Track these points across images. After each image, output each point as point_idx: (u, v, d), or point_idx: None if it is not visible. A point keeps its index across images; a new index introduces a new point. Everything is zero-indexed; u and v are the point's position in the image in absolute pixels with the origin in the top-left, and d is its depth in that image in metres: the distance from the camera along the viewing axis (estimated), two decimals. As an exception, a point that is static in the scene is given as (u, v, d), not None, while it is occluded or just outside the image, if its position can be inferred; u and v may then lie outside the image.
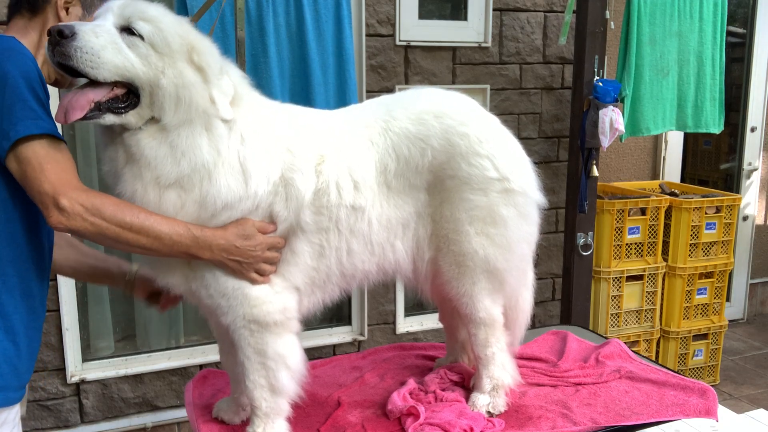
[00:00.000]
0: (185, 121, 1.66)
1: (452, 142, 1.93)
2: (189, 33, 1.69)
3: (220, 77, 1.71)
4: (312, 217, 1.83)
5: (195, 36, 1.71)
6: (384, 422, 2.06)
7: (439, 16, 3.75)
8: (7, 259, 1.63)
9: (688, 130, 3.98)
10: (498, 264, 2.02)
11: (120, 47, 1.59)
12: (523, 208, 2.02)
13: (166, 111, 1.64)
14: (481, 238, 1.99)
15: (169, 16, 1.69)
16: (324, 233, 1.86)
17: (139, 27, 1.60)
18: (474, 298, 2.05)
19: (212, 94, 1.68)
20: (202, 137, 1.69)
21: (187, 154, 1.67)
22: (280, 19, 3.14)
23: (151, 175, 1.67)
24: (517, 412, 2.11)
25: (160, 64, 1.62)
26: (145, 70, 1.61)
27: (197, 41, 1.70)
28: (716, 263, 4.12)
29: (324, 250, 1.87)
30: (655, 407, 2.13)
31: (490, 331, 2.10)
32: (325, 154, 1.85)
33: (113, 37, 1.59)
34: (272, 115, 1.87)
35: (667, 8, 3.71)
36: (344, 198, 1.85)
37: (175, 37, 1.63)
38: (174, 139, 1.67)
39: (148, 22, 1.61)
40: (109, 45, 1.57)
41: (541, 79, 3.95)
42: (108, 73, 1.58)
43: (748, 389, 4.14)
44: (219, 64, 1.73)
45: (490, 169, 1.95)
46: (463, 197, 1.96)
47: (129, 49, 1.60)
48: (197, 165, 1.68)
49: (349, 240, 1.89)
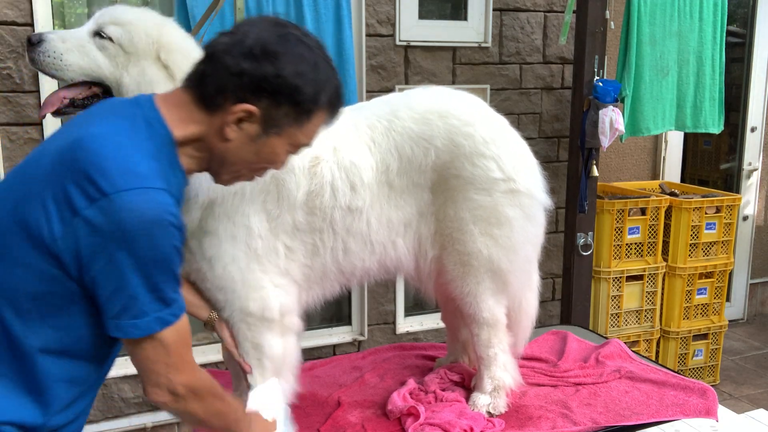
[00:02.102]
0: None
1: (456, 142, 1.93)
2: (162, 34, 1.73)
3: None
4: (305, 217, 1.83)
5: (169, 36, 1.74)
6: (384, 422, 2.06)
7: (439, 16, 3.74)
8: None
9: (687, 130, 3.98)
10: (502, 264, 2.02)
11: (87, 50, 1.69)
12: (529, 209, 2.02)
13: None
14: (485, 238, 1.99)
15: (146, 19, 1.74)
16: (318, 233, 1.86)
17: (109, 30, 1.69)
18: (478, 298, 2.05)
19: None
20: None
21: None
22: (280, 19, 3.14)
23: None
24: (517, 412, 2.11)
25: (126, 63, 1.70)
26: (112, 70, 1.70)
27: (169, 41, 1.73)
28: (716, 263, 4.12)
29: (318, 249, 1.88)
30: (655, 407, 2.13)
31: (493, 331, 2.10)
32: (320, 156, 1.85)
33: (81, 41, 1.70)
34: None
35: (667, 8, 3.71)
36: (339, 200, 1.85)
37: (142, 36, 1.70)
38: None
39: (119, 25, 1.70)
40: (74, 48, 1.68)
41: (541, 79, 3.95)
42: (73, 73, 1.69)
43: (748, 389, 4.14)
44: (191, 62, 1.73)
45: (494, 170, 1.95)
46: (467, 197, 1.95)
47: (99, 51, 1.70)
48: None
49: (345, 240, 1.90)
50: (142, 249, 1.24)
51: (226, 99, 1.34)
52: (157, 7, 3.21)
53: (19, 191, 1.29)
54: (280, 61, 1.33)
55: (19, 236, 1.26)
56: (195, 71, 1.39)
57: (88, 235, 1.22)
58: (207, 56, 1.37)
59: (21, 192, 1.29)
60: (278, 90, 1.34)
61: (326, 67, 1.40)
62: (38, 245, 1.25)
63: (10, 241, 1.27)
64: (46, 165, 1.28)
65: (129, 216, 1.21)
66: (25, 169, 1.35)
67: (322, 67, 1.39)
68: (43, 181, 1.26)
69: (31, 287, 1.27)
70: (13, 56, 2.92)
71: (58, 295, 1.28)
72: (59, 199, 1.23)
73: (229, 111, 1.34)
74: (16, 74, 2.94)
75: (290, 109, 1.37)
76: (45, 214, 1.24)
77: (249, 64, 1.32)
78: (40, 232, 1.24)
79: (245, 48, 1.32)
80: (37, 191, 1.26)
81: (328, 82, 1.41)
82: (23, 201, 1.27)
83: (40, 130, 3.00)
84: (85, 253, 1.23)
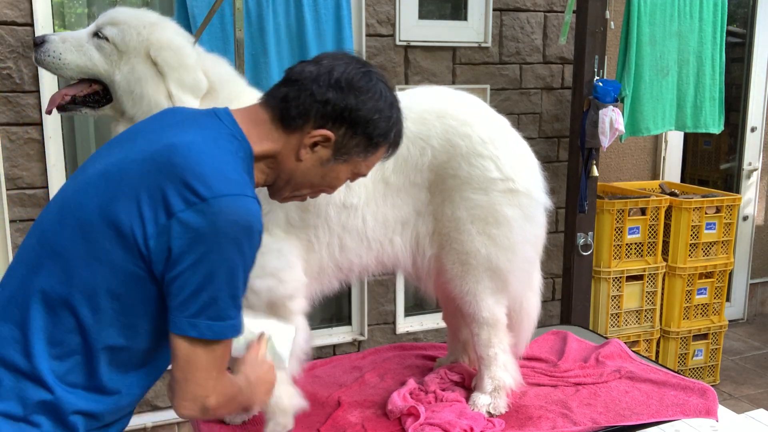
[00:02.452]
0: (146, 113, 1.75)
1: (453, 142, 1.93)
2: (153, 32, 1.79)
3: (183, 72, 1.78)
4: (299, 214, 1.85)
5: (160, 34, 1.80)
6: (384, 422, 2.06)
7: (439, 16, 3.74)
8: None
9: (687, 130, 3.98)
10: (500, 264, 2.02)
11: (85, 49, 1.79)
12: (528, 209, 2.02)
13: (124, 103, 1.79)
14: (482, 237, 1.99)
15: (141, 19, 1.81)
16: (313, 229, 1.88)
17: (106, 30, 1.79)
18: (477, 297, 2.05)
19: (168, 87, 1.78)
20: None
21: None
22: (280, 19, 3.14)
23: None
24: (517, 412, 2.11)
25: (119, 61, 1.78)
26: (106, 68, 1.79)
27: (159, 38, 1.79)
28: (716, 263, 4.12)
29: (313, 246, 1.90)
30: (655, 407, 2.13)
31: (493, 331, 2.09)
32: None
33: (80, 41, 1.79)
34: None
35: (667, 8, 3.71)
36: (333, 197, 1.86)
37: (133, 35, 1.78)
38: None
39: (114, 25, 1.79)
40: (73, 48, 1.78)
41: (541, 79, 3.95)
42: (71, 72, 1.80)
43: (748, 389, 4.14)
44: (182, 59, 1.80)
45: (492, 169, 1.95)
46: (464, 196, 1.96)
47: (96, 51, 1.79)
48: None
49: (341, 236, 1.91)
50: (232, 252, 1.29)
51: (306, 122, 1.43)
52: (157, 8, 3.21)
53: (106, 192, 1.32)
54: (363, 96, 1.45)
55: (107, 236, 1.30)
56: (277, 92, 1.46)
57: (182, 234, 1.26)
58: (291, 81, 1.45)
59: (108, 193, 1.32)
60: (356, 121, 1.45)
61: (397, 108, 1.53)
62: (128, 245, 1.29)
63: (97, 239, 1.31)
64: (136, 169, 1.32)
65: (225, 219, 1.27)
66: (107, 173, 1.36)
67: (395, 107, 1.52)
68: (136, 184, 1.30)
69: (112, 286, 1.31)
70: (13, 56, 2.93)
71: (136, 295, 1.33)
72: (155, 202, 1.28)
73: (308, 134, 1.44)
74: (16, 74, 2.94)
75: (362, 141, 1.48)
76: (139, 215, 1.28)
77: (334, 94, 1.42)
78: (133, 232, 1.28)
79: (333, 79, 1.43)
80: (129, 193, 1.30)
81: (398, 122, 1.54)
82: (112, 202, 1.31)
83: (40, 130, 3.00)
84: (176, 251, 1.27)
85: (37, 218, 1.46)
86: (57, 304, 1.32)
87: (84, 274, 1.31)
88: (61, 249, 1.33)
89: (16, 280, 1.37)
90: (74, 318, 1.32)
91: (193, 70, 1.80)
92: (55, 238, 1.34)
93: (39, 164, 3.01)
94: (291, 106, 1.43)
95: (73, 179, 1.45)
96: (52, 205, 1.44)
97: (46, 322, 1.32)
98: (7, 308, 1.34)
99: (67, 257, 1.32)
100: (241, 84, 1.92)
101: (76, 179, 1.43)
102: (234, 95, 1.85)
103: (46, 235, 1.36)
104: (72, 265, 1.32)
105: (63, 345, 1.32)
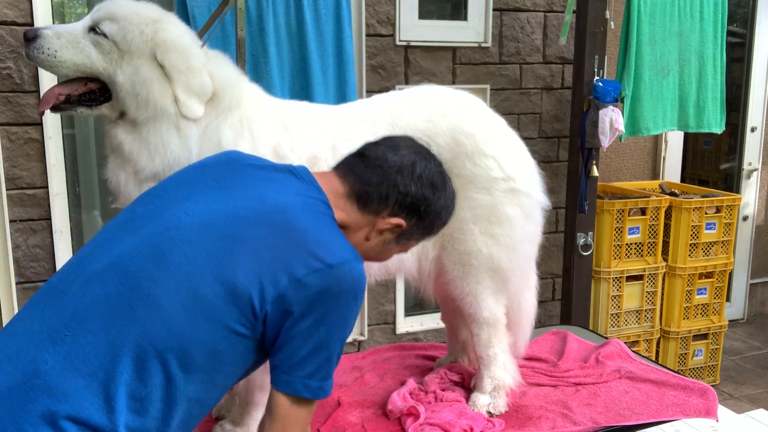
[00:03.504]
0: (151, 117, 1.70)
1: (458, 141, 1.94)
2: (158, 31, 1.70)
3: (191, 75, 1.72)
4: None
5: (165, 34, 1.71)
6: (384, 422, 2.06)
7: (439, 16, 3.74)
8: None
9: (690, 130, 3.97)
10: (502, 263, 2.02)
11: (81, 46, 1.68)
12: (528, 208, 2.02)
13: (128, 106, 1.70)
14: (485, 237, 1.99)
15: (142, 15, 1.72)
16: None
17: (104, 26, 1.68)
18: (478, 297, 2.05)
19: (175, 91, 1.70)
20: (171, 134, 1.72)
21: (159, 150, 1.72)
22: (280, 19, 3.14)
23: (132, 168, 1.73)
24: (517, 412, 2.11)
25: (120, 61, 1.68)
26: (105, 66, 1.69)
27: (165, 39, 1.71)
28: (716, 263, 4.12)
29: None
30: (655, 407, 2.13)
31: (493, 331, 2.10)
32: (318, 155, 1.84)
33: (76, 37, 1.68)
34: (266, 115, 1.86)
35: (667, 8, 3.71)
36: None
37: (136, 34, 1.68)
38: (145, 135, 1.72)
39: (114, 21, 1.68)
40: (68, 44, 1.67)
41: (541, 79, 3.95)
42: (67, 69, 1.69)
43: (748, 389, 4.14)
44: (190, 62, 1.73)
45: (494, 169, 1.95)
46: (467, 196, 1.96)
47: (93, 47, 1.68)
48: (171, 162, 1.71)
49: None
50: (347, 314, 1.38)
51: (383, 208, 1.51)
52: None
53: (219, 251, 1.31)
54: (438, 194, 1.55)
55: (221, 295, 1.29)
56: (357, 170, 1.51)
57: (304, 298, 1.32)
58: (373, 165, 1.51)
59: (223, 253, 1.31)
60: (427, 214, 1.55)
61: (455, 201, 1.63)
62: (242, 305, 1.30)
63: (207, 297, 1.29)
64: (253, 232, 1.34)
65: (345, 284, 1.36)
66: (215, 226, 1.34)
67: (455, 200, 1.63)
68: (255, 247, 1.32)
69: (214, 343, 1.31)
70: (13, 56, 2.93)
71: (233, 353, 1.34)
72: (277, 266, 1.31)
73: (383, 219, 1.52)
74: (16, 74, 2.94)
75: (425, 230, 1.59)
76: (258, 278, 1.30)
77: (416, 188, 1.51)
78: (250, 294, 1.30)
79: (416, 174, 1.51)
80: (248, 255, 1.31)
81: (453, 213, 1.64)
82: (229, 263, 1.30)
83: (40, 130, 3.00)
84: (296, 314, 1.32)
85: (101, 241, 1.39)
86: (150, 358, 1.26)
87: (187, 330, 1.28)
88: (164, 302, 1.28)
89: (94, 323, 1.26)
90: (164, 373, 1.27)
91: (200, 74, 1.74)
92: (155, 289, 1.28)
93: (39, 164, 3.01)
94: (373, 191, 1.49)
95: (145, 206, 1.41)
96: (128, 238, 1.36)
97: (133, 376, 1.25)
98: (82, 356, 1.24)
99: (169, 311, 1.28)
100: (244, 86, 1.87)
101: (160, 217, 1.37)
102: (236, 100, 1.81)
103: (141, 284, 1.29)
104: (174, 320, 1.27)
105: (144, 400, 1.26)
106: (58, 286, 1.35)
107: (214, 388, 1.37)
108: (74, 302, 1.29)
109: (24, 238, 3.04)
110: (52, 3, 3.01)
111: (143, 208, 1.42)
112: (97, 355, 1.24)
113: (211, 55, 1.84)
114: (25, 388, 1.21)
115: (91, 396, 1.22)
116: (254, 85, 1.94)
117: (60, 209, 3.08)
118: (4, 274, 3.03)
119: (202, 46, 1.83)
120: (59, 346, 1.24)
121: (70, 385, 1.22)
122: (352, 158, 1.55)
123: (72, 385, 1.22)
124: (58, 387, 1.21)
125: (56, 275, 1.39)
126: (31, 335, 1.27)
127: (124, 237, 1.36)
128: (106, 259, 1.33)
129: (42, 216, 3.05)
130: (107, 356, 1.24)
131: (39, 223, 3.05)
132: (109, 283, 1.29)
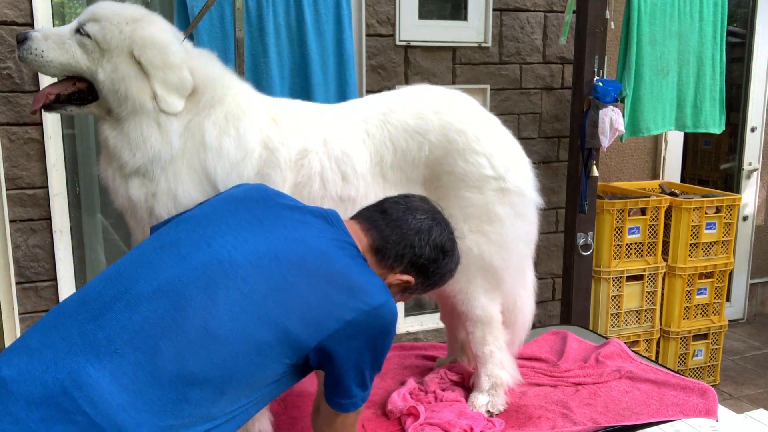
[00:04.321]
0: (131, 113, 1.75)
1: (450, 138, 1.94)
2: (136, 29, 1.76)
3: (168, 71, 1.76)
4: None
5: (143, 32, 1.76)
6: (384, 422, 2.06)
7: (439, 16, 3.74)
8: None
9: (687, 130, 3.97)
10: (494, 262, 2.02)
11: (67, 47, 1.75)
12: (519, 207, 2.02)
13: (110, 102, 1.77)
14: (475, 235, 1.99)
15: (123, 15, 1.77)
16: None
17: (87, 27, 1.75)
18: (470, 296, 2.05)
19: (153, 87, 1.75)
20: (151, 129, 1.77)
21: (140, 145, 1.77)
22: (280, 19, 3.14)
23: (116, 163, 1.79)
24: (517, 412, 2.11)
25: (101, 59, 1.74)
26: (89, 65, 1.76)
27: (142, 36, 1.75)
28: (716, 263, 4.12)
29: None
30: (655, 407, 2.13)
31: (488, 329, 2.10)
32: (309, 148, 1.86)
33: (62, 38, 1.75)
34: (255, 112, 1.87)
35: (667, 8, 3.71)
36: (329, 190, 1.86)
37: (115, 33, 1.74)
38: (126, 130, 1.77)
39: (97, 21, 1.75)
40: (55, 46, 1.74)
41: (541, 79, 3.95)
42: (54, 69, 1.77)
43: (748, 389, 4.14)
44: (167, 58, 1.77)
45: (486, 167, 1.95)
46: (458, 194, 1.96)
47: (78, 48, 1.75)
48: (152, 157, 1.76)
49: None
50: (386, 342, 1.55)
51: (398, 265, 1.65)
52: (157, 7, 3.21)
53: (272, 296, 1.42)
54: (447, 259, 1.70)
55: (272, 334, 1.41)
56: (379, 225, 1.65)
57: (348, 337, 1.47)
58: (394, 224, 1.65)
59: (276, 299, 1.42)
60: (433, 275, 1.70)
61: (458, 264, 1.77)
62: (292, 346, 1.43)
63: (263, 336, 1.39)
64: (301, 280, 1.45)
65: (388, 320, 1.52)
66: (259, 266, 1.44)
67: (458, 265, 1.77)
68: (304, 294, 1.44)
69: (255, 375, 1.41)
70: (13, 56, 2.92)
71: (264, 380, 1.44)
72: (324, 311, 1.45)
73: (395, 274, 1.66)
74: (16, 74, 2.94)
75: (427, 288, 1.74)
76: (307, 321, 1.43)
77: (429, 252, 1.66)
78: (297, 336, 1.43)
79: (431, 239, 1.66)
80: (298, 302, 1.43)
81: (455, 273, 1.78)
82: (281, 310, 1.41)
83: (40, 130, 3.00)
84: (342, 352, 1.47)
85: (143, 262, 1.43)
86: (194, 385, 1.32)
87: (236, 363, 1.36)
88: (221, 334, 1.35)
89: (145, 344, 1.30)
90: (201, 398, 1.32)
91: (178, 69, 1.77)
92: (211, 321, 1.35)
93: (39, 164, 3.01)
94: (391, 249, 1.64)
95: (188, 234, 1.47)
96: (174, 264, 1.41)
97: (178, 398, 1.30)
98: (131, 374, 1.28)
99: (224, 342, 1.35)
100: (228, 82, 1.88)
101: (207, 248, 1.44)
102: (218, 96, 1.83)
103: (196, 311, 1.35)
104: (227, 351, 1.35)
105: (176, 417, 1.30)
106: (99, 300, 1.37)
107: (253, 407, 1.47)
108: (123, 321, 1.32)
109: (24, 238, 3.04)
110: (52, 3, 3.01)
111: (186, 236, 1.48)
112: (145, 374, 1.28)
113: (194, 53, 1.88)
114: (64, 399, 1.23)
115: (135, 412, 1.26)
116: (245, 83, 1.96)
117: (60, 209, 3.08)
118: (4, 274, 3.03)
119: (183, 41, 1.86)
120: (105, 362, 1.27)
121: (114, 401, 1.25)
122: (374, 213, 1.68)
123: (117, 401, 1.25)
124: (100, 400, 1.24)
125: (91, 287, 1.42)
126: (70, 346, 1.29)
127: (169, 262, 1.42)
128: (154, 282, 1.37)
129: (42, 216, 3.05)
130: (154, 377, 1.28)
131: (39, 223, 3.05)
132: (159, 307, 1.34)
